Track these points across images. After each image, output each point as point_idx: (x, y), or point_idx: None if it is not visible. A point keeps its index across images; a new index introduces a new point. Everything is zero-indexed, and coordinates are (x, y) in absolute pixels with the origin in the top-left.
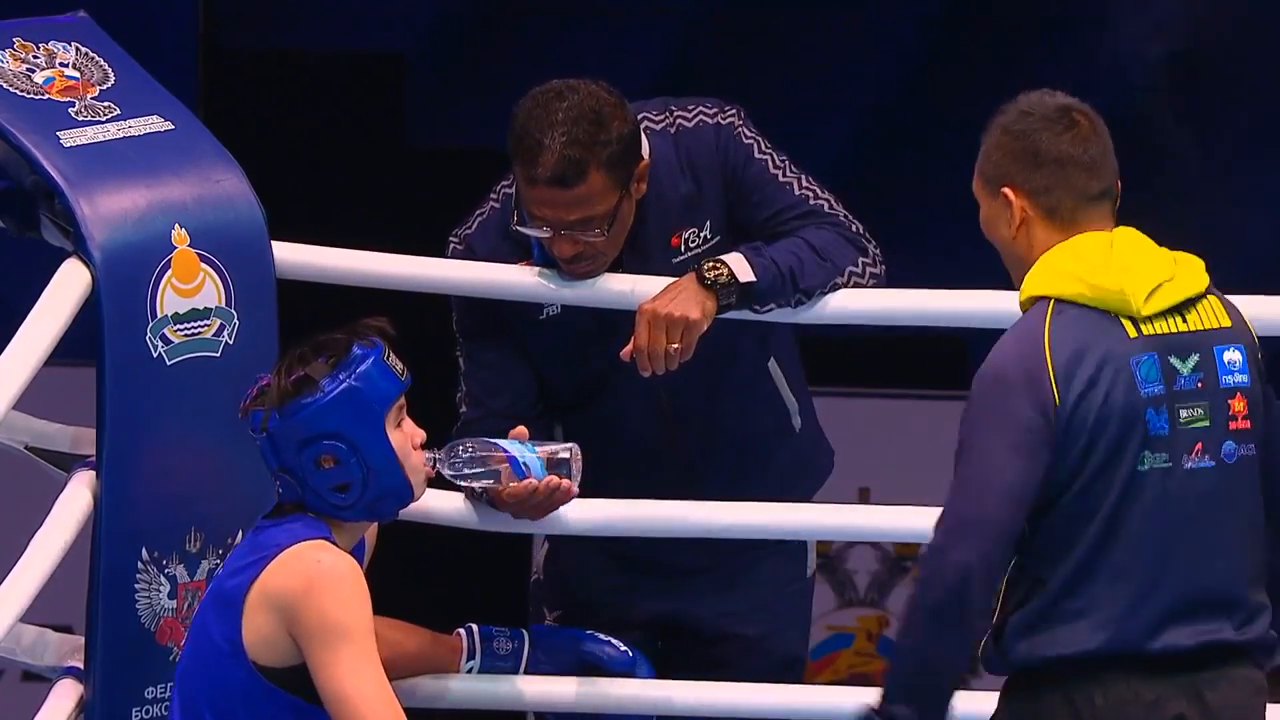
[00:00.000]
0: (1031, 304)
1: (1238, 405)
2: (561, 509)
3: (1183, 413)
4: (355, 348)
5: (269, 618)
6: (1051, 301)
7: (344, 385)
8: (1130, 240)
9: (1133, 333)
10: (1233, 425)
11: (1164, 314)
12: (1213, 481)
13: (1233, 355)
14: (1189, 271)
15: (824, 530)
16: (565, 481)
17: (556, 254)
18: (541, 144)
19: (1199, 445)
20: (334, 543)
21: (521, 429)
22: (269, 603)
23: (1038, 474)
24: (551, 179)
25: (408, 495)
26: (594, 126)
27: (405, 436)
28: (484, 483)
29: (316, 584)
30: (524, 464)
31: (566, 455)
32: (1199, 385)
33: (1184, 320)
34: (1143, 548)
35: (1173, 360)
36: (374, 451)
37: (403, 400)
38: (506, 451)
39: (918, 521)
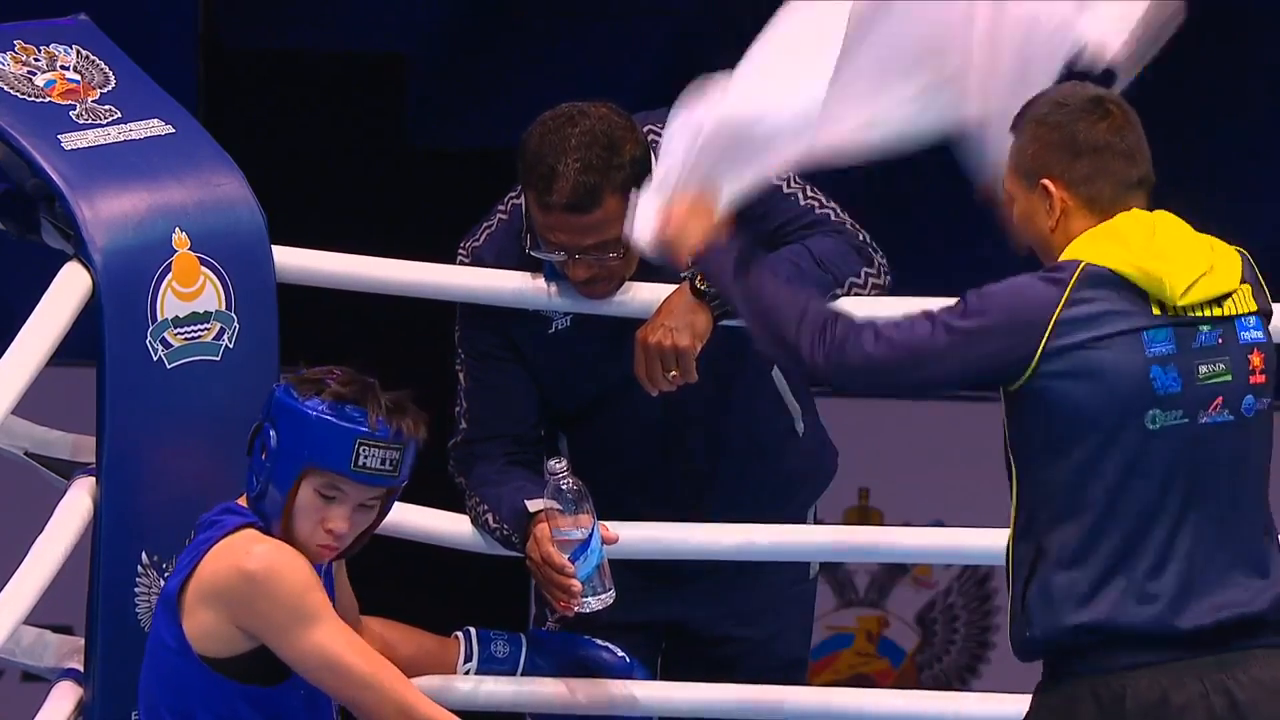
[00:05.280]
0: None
1: (1256, 360)
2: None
3: (1202, 368)
4: (355, 409)
5: (210, 612)
6: (1085, 264)
7: (308, 412)
8: (1171, 227)
9: (1156, 312)
10: (1252, 379)
11: (1196, 304)
12: (1232, 435)
13: (1249, 318)
14: (1226, 264)
15: (825, 552)
16: (573, 592)
17: (571, 277)
18: (555, 170)
19: (1219, 399)
20: (264, 530)
21: (614, 534)
22: (207, 597)
23: (957, 383)
24: (567, 205)
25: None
26: (607, 151)
27: (320, 510)
28: (555, 512)
29: (254, 576)
30: (589, 552)
31: (608, 596)
32: (1219, 341)
33: (1215, 308)
34: (1163, 506)
35: (1191, 325)
36: (276, 479)
37: (348, 487)
38: (591, 530)
39: (918, 541)
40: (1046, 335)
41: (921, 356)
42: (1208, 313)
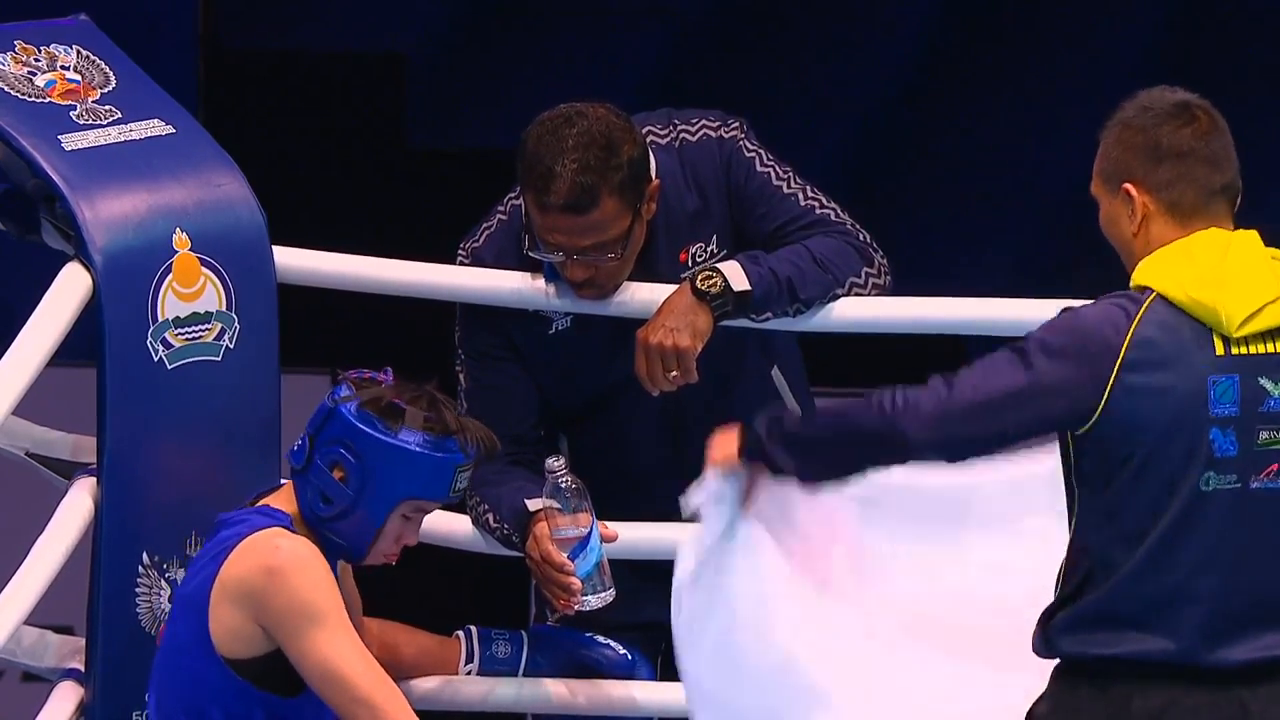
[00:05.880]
0: (1139, 289)
1: None
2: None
3: (1263, 434)
4: (453, 441)
5: (234, 609)
6: (1154, 295)
7: (410, 448)
8: (1246, 250)
9: (1220, 350)
10: None
11: (1261, 335)
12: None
13: None
14: None
15: None
16: (572, 591)
17: (569, 278)
18: (553, 171)
19: (1274, 466)
20: (292, 530)
21: (614, 532)
22: (231, 594)
23: (1036, 430)
24: (564, 206)
25: (355, 558)
26: (604, 152)
27: (401, 529)
28: (554, 510)
29: (278, 570)
30: (588, 550)
31: (608, 594)
32: None
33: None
34: (1206, 566)
35: (1262, 381)
36: (370, 507)
37: (434, 507)
38: (591, 529)
39: None
40: (1117, 366)
41: (995, 392)
42: (1273, 347)
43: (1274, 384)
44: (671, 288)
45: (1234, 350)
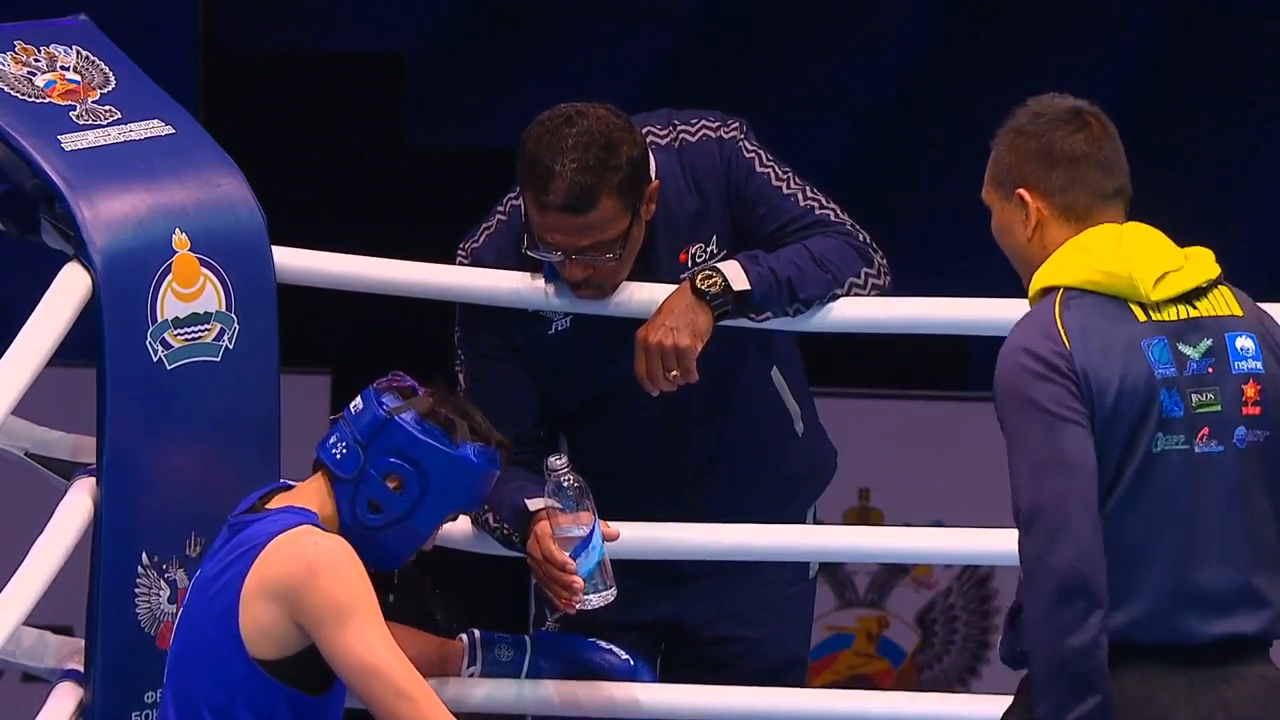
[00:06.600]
0: (1040, 297)
1: (1250, 391)
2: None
3: (1194, 396)
4: (495, 451)
5: (269, 607)
6: (1061, 290)
7: (468, 460)
8: (1139, 232)
9: (1142, 317)
10: (1245, 410)
11: (1173, 301)
12: (1228, 466)
13: (1245, 342)
14: (1199, 262)
15: (823, 552)
16: (574, 589)
17: (567, 278)
18: (552, 171)
19: (1206, 429)
20: (322, 528)
21: (615, 531)
22: (268, 592)
23: (1088, 440)
24: (563, 206)
25: (390, 566)
26: (604, 152)
27: (433, 536)
28: (555, 510)
29: (316, 567)
30: (590, 549)
31: (610, 593)
32: (1210, 370)
33: (1194, 308)
34: (1160, 531)
35: (1182, 346)
36: (424, 518)
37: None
38: (593, 527)
39: (918, 541)
40: (1076, 361)
41: (1049, 472)
42: (1185, 314)
43: (1193, 348)
44: (671, 288)
45: (1153, 316)
